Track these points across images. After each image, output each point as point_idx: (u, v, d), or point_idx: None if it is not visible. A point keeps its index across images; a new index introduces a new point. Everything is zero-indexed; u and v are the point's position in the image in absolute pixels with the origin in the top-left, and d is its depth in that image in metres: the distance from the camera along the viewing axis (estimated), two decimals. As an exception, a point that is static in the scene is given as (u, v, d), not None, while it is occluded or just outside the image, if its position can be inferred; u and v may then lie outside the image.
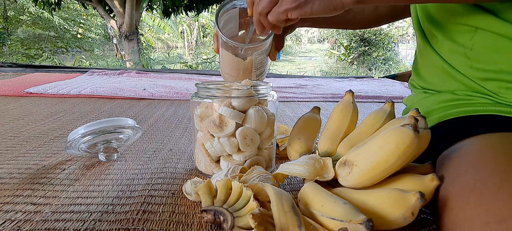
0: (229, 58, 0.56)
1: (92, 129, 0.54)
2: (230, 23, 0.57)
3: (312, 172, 0.40)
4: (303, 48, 14.94)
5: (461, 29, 0.46)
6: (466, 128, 0.42)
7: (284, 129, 0.72)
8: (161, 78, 1.85)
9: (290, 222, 0.32)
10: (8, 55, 6.96)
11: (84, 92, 1.29)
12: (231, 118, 0.48)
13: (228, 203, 0.37)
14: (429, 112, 0.50)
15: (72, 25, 8.88)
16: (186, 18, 10.73)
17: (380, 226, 0.33)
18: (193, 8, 5.34)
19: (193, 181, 0.45)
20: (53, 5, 4.95)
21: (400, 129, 0.34)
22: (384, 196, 0.34)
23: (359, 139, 0.46)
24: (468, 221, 0.30)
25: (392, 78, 2.17)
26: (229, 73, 0.58)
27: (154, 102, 1.20)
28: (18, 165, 0.56)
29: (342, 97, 0.53)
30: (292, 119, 0.99)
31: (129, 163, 0.59)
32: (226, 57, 0.57)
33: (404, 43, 9.84)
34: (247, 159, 0.50)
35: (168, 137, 0.76)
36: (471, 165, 0.35)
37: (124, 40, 5.35)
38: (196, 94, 0.52)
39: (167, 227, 0.39)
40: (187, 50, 11.89)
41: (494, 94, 0.45)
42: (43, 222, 0.39)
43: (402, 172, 0.38)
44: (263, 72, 0.61)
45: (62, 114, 0.95)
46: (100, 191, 0.47)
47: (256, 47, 0.54)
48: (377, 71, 7.09)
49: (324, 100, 1.38)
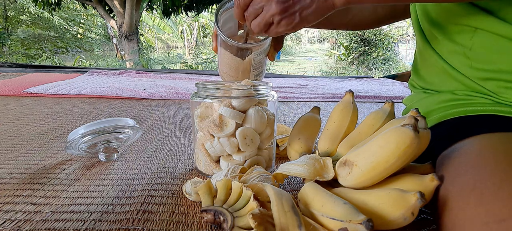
0: (228, 58, 0.56)
1: (92, 129, 0.54)
2: (229, 23, 0.57)
3: (312, 172, 0.40)
4: (303, 48, 14.94)
5: (460, 29, 0.46)
6: (466, 128, 0.42)
7: (284, 129, 0.72)
8: (161, 78, 1.85)
9: (290, 222, 0.32)
10: (8, 55, 6.97)
11: (84, 92, 1.29)
12: (231, 118, 0.48)
13: (228, 203, 0.37)
14: (429, 112, 0.50)
15: (72, 25, 8.88)
16: (186, 18, 10.74)
17: (380, 226, 0.33)
18: (193, 8, 5.34)
19: (193, 181, 0.45)
20: (53, 5, 4.96)
21: (400, 129, 0.34)
22: (384, 196, 0.34)
23: (359, 139, 0.46)
24: (468, 221, 0.30)
25: (392, 78, 2.17)
26: (228, 73, 0.58)
27: (154, 102, 1.20)
28: (18, 165, 0.56)
29: (342, 97, 0.53)
30: (292, 119, 0.99)
31: (129, 163, 0.59)
32: (224, 56, 0.57)
33: (404, 43, 9.84)
34: (247, 159, 0.50)
35: (168, 137, 0.76)
36: (471, 165, 0.35)
37: (124, 40, 5.35)
38: (196, 94, 0.52)
39: (167, 227, 0.39)
40: (187, 50, 11.89)
41: (493, 94, 0.45)
42: (43, 222, 0.39)
43: (402, 172, 0.38)
44: (261, 73, 0.61)
45: (62, 114, 0.95)
46: (100, 191, 0.47)
47: (255, 47, 0.54)
48: (377, 71, 7.09)
49: (324, 100, 1.38)
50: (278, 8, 0.44)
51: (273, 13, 0.44)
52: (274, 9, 0.44)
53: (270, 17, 0.45)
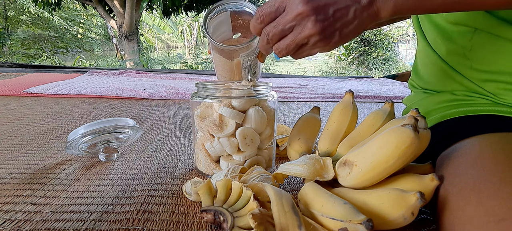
0: (220, 60, 0.57)
1: (92, 129, 0.54)
2: (222, 27, 0.57)
3: (312, 172, 0.40)
4: (303, 48, 14.91)
5: (460, 30, 0.46)
6: (465, 128, 0.42)
7: (284, 129, 0.72)
8: (161, 78, 1.85)
9: (290, 222, 0.32)
10: (8, 55, 6.97)
11: (84, 92, 1.29)
12: (231, 118, 0.48)
13: (228, 203, 0.37)
14: (429, 112, 0.50)
15: (72, 25, 8.88)
16: (186, 18, 10.73)
17: (380, 226, 0.33)
18: (193, 8, 5.34)
19: (193, 181, 0.45)
20: (53, 5, 4.96)
21: (400, 129, 0.34)
22: (384, 196, 0.34)
23: (359, 139, 0.46)
24: (468, 221, 0.30)
25: (392, 78, 2.17)
26: (222, 75, 0.59)
27: (154, 102, 1.20)
28: (18, 165, 0.56)
29: (342, 97, 0.53)
30: (292, 119, 0.99)
31: (129, 163, 0.59)
32: (217, 59, 0.57)
33: (404, 43, 9.83)
34: (247, 159, 0.50)
35: (168, 137, 0.76)
36: (470, 165, 0.35)
37: (124, 40, 5.35)
38: (196, 94, 0.52)
39: (167, 227, 0.39)
40: (187, 50, 11.89)
41: (493, 96, 0.45)
42: (43, 222, 0.39)
43: (402, 172, 0.38)
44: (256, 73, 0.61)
45: (62, 114, 0.95)
46: (100, 191, 0.47)
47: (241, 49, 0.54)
48: (377, 71, 7.09)
49: (324, 100, 1.38)
50: (316, 28, 0.36)
51: (309, 34, 0.37)
52: (310, 29, 0.36)
53: (305, 39, 0.38)
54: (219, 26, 0.56)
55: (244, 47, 0.53)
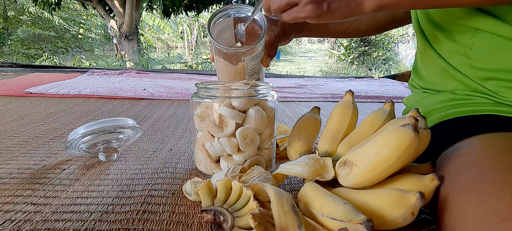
0: (224, 65, 0.57)
1: (92, 129, 0.54)
2: (226, 33, 0.57)
3: (312, 172, 0.40)
4: (303, 48, 14.94)
5: (461, 29, 0.46)
6: (466, 128, 0.42)
7: (284, 129, 0.72)
8: (161, 78, 1.85)
9: (290, 222, 0.32)
10: (8, 55, 6.97)
11: (84, 92, 1.29)
12: (231, 118, 0.48)
13: (228, 203, 0.37)
14: (429, 112, 0.50)
15: (72, 25, 8.89)
16: (186, 18, 10.74)
17: (380, 226, 0.33)
18: (193, 8, 5.35)
19: (193, 181, 0.45)
20: (53, 5, 4.96)
21: (400, 129, 0.34)
22: (384, 196, 0.34)
23: (359, 139, 0.46)
24: (469, 221, 0.30)
25: (392, 78, 2.17)
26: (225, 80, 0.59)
27: (154, 102, 1.20)
28: (18, 165, 0.56)
29: (342, 97, 0.53)
30: (292, 119, 0.98)
31: (129, 163, 0.59)
32: (220, 64, 0.57)
33: (404, 43, 9.83)
34: (247, 159, 0.50)
35: (168, 137, 0.76)
36: (471, 165, 0.35)
37: (124, 40, 5.35)
38: (196, 94, 0.52)
39: (167, 227, 0.39)
40: (187, 50, 11.89)
41: (494, 94, 0.45)
42: (43, 222, 0.39)
43: (402, 172, 0.38)
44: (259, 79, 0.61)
45: (62, 114, 0.95)
46: (100, 191, 0.47)
47: (247, 52, 0.54)
48: (377, 71, 7.09)
49: (324, 100, 1.38)
50: None
51: None
52: None
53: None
54: (222, 32, 0.57)
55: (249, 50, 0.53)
